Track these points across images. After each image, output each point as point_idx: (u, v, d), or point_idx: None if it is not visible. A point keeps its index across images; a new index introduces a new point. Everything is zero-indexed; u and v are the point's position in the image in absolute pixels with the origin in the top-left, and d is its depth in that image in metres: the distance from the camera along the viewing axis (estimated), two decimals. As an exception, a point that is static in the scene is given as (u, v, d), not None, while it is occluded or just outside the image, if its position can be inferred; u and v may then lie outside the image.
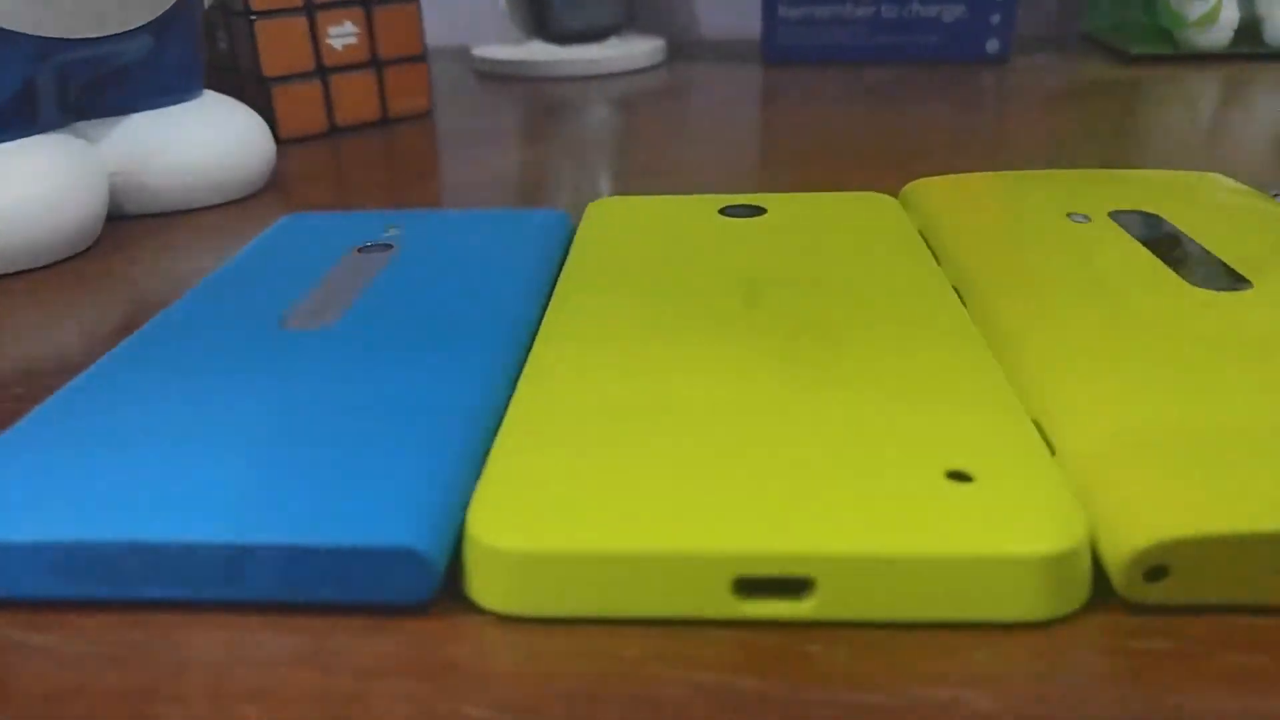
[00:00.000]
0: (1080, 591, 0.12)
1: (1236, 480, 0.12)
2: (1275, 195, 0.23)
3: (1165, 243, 0.20)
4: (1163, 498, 0.12)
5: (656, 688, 0.11)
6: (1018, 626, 0.12)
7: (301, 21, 0.36)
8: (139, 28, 0.27)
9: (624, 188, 0.30)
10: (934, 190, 0.24)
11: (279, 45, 0.36)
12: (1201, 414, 0.14)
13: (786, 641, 0.12)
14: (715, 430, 0.14)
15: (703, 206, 0.23)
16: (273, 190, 0.31)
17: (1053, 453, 0.14)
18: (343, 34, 0.37)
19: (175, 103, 0.29)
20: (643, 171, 0.32)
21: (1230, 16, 0.46)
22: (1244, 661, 0.11)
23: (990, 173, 0.25)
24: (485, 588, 0.12)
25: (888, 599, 0.12)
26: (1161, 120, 0.36)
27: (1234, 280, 0.18)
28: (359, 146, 0.37)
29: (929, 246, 0.21)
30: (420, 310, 0.18)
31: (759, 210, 0.23)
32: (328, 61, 0.37)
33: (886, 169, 0.31)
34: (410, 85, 0.40)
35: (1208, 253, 0.19)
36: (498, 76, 0.50)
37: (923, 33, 0.48)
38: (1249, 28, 0.47)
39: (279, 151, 0.36)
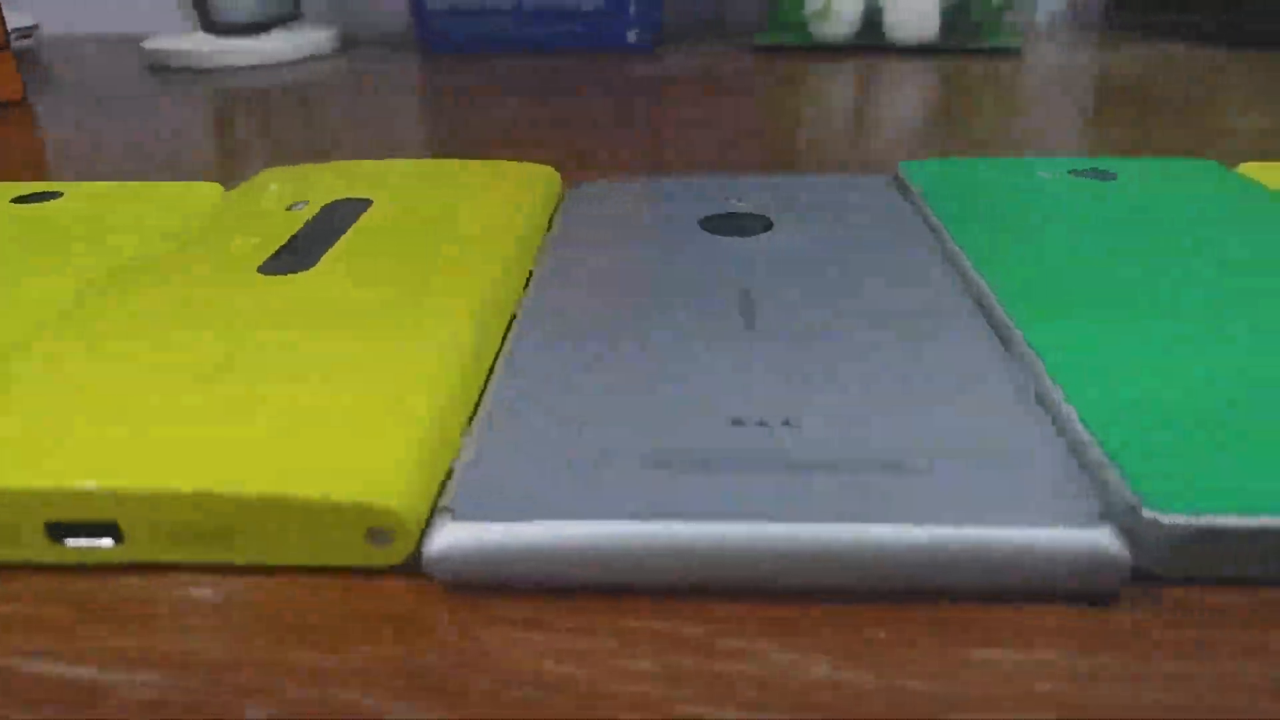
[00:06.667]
0: None
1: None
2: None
3: (324, 229, 0.21)
4: None
5: None
6: None
7: None
8: None
9: (133, 174, 0.31)
10: (292, 175, 0.25)
11: None
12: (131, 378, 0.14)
13: None
14: None
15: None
16: None
17: None
18: (-102, 23, 0.38)
19: None
20: (173, 159, 0.33)
21: (849, 9, 0.46)
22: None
23: (338, 161, 0.26)
24: None
25: None
26: (693, 110, 0.37)
27: (299, 264, 0.19)
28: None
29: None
30: None
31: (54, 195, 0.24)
32: (-116, 50, 0.38)
33: (413, 153, 0.32)
34: (-4, 74, 0.41)
35: (333, 236, 0.20)
36: (169, 69, 0.50)
37: (566, 23, 0.49)
38: (878, 22, 0.48)
39: None
